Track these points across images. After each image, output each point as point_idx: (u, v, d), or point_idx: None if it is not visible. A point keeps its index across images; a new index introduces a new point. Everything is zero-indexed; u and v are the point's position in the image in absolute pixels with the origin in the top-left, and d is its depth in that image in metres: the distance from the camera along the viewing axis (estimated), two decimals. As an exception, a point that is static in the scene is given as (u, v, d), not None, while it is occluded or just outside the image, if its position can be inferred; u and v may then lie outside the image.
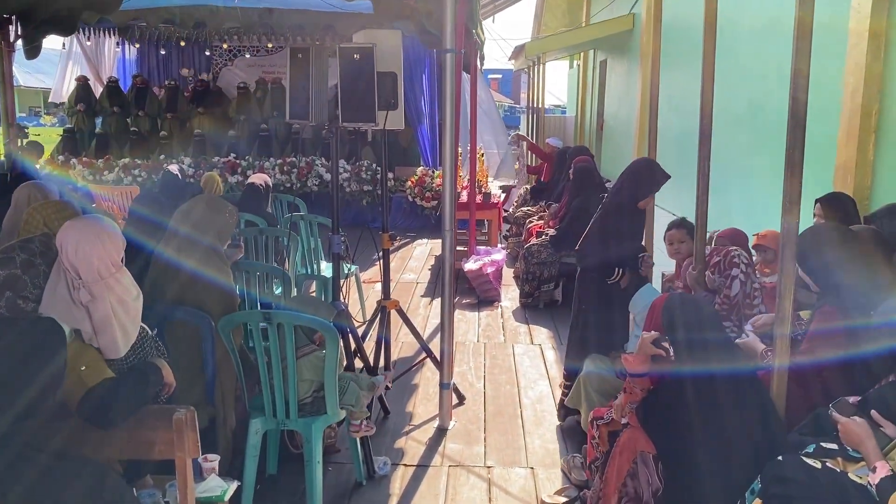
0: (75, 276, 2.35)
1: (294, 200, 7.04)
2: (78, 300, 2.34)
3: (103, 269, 2.40)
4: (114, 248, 2.44)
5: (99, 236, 2.42)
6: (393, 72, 4.07)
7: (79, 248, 2.37)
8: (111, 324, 2.39)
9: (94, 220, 2.49)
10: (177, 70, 13.28)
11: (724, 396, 2.81)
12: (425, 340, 5.71)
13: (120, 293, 2.43)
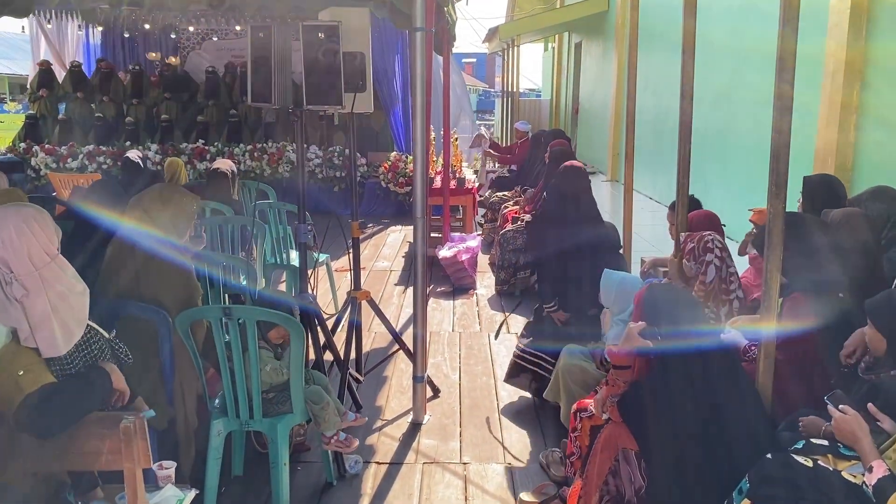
0: (6, 270, 2.16)
1: (261, 187, 6.82)
2: (11, 296, 2.14)
3: (36, 259, 2.20)
4: (45, 237, 2.24)
5: (27, 224, 2.22)
6: (361, 52, 3.88)
7: (5, 238, 2.16)
8: (49, 319, 2.19)
9: (20, 208, 2.28)
10: (143, 54, 12.90)
11: (708, 391, 2.69)
12: (399, 331, 5.57)
13: (58, 287, 2.24)
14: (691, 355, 2.74)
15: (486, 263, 7.58)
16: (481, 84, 48.72)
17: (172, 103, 11.71)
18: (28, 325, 2.16)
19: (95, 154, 10.64)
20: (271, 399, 3.07)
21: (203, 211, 5.43)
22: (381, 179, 10.50)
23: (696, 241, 3.56)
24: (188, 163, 10.54)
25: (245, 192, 6.74)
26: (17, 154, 10.61)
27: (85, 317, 2.35)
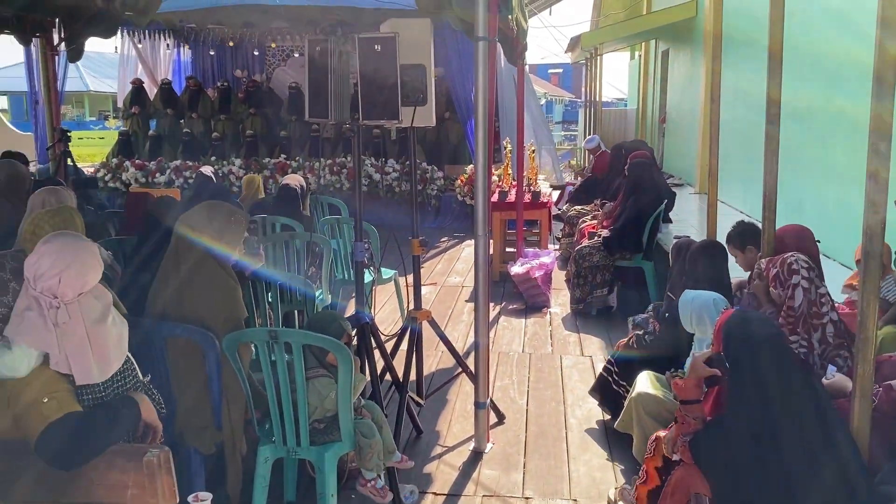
0: (50, 296, 2.11)
1: (333, 202, 6.79)
2: (52, 321, 2.09)
3: (77, 287, 2.15)
4: (87, 265, 2.18)
5: (69, 252, 2.17)
6: (421, 64, 3.73)
7: (47, 266, 2.12)
8: (85, 347, 2.13)
9: (63, 236, 2.24)
10: (230, 71, 13.28)
11: (794, 435, 2.39)
12: (466, 351, 5.40)
13: (95, 314, 2.18)
14: (772, 392, 2.45)
15: (561, 280, 7.30)
16: (567, 94, 48.18)
17: (257, 119, 11.97)
18: (63, 352, 2.10)
19: (182, 169, 10.95)
20: (322, 429, 2.94)
21: (273, 226, 5.43)
22: (458, 193, 10.37)
23: (779, 266, 3.23)
24: (270, 177, 10.72)
25: (318, 207, 6.73)
26: (109, 169, 11.04)
27: (125, 348, 2.29)
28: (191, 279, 2.96)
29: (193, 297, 2.95)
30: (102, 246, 4.45)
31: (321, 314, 3.27)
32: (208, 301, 2.97)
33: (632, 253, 6.22)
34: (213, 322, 2.95)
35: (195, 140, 11.84)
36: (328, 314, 3.21)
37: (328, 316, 3.16)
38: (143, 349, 2.84)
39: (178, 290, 2.96)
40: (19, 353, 2.03)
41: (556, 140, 32.42)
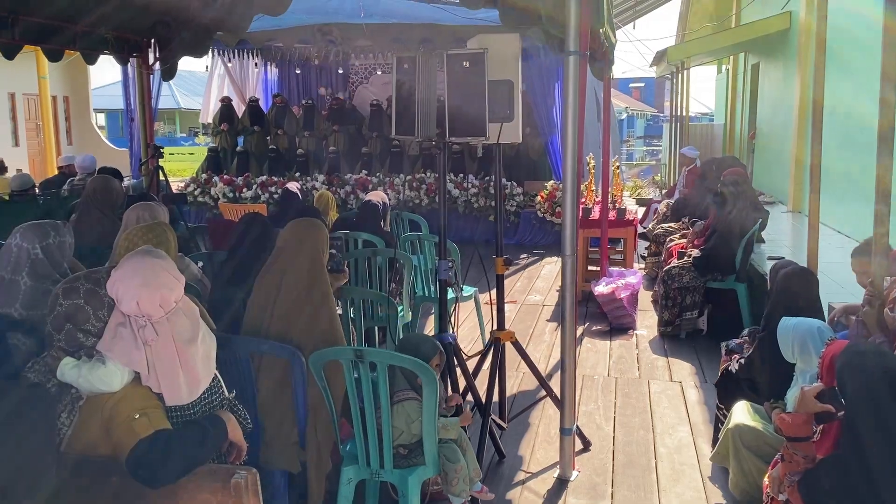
0: (138, 314, 2.12)
1: (414, 218, 6.78)
2: (142, 339, 2.09)
3: (164, 304, 2.15)
4: (164, 287, 2.17)
5: (154, 270, 2.16)
6: (509, 80, 3.67)
7: (134, 284, 2.13)
8: (175, 366, 2.13)
9: (146, 254, 2.24)
10: (315, 89, 13.57)
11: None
12: (549, 373, 5.27)
13: (184, 332, 2.18)
14: (893, 430, 2.24)
15: (647, 301, 7.08)
16: (650, 109, 47.32)
17: (340, 135, 12.16)
18: (153, 371, 2.10)
19: (268, 184, 11.21)
20: (405, 455, 2.88)
21: (355, 242, 5.44)
22: (538, 209, 10.25)
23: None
24: (351, 192, 10.86)
25: (398, 223, 6.73)
26: (198, 184, 11.40)
27: (212, 365, 2.28)
28: (296, 298, 2.96)
29: (300, 318, 2.95)
30: (192, 260, 4.56)
31: (413, 335, 3.21)
32: (302, 320, 2.97)
33: (724, 274, 5.96)
34: (306, 340, 2.94)
35: (280, 156, 12.12)
36: (420, 336, 3.14)
37: (420, 337, 3.10)
38: (230, 365, 2.85)
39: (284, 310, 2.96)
40: (113, 368, 2.04)
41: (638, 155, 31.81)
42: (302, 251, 3.14)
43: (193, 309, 2.25)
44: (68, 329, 2.07)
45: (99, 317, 2.12)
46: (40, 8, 6.00)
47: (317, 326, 3.08)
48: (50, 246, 3.17)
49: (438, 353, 2.95)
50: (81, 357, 2.08)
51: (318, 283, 3.13)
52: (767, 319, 3.89)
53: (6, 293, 3.12)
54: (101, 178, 5.17)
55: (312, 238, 3.20)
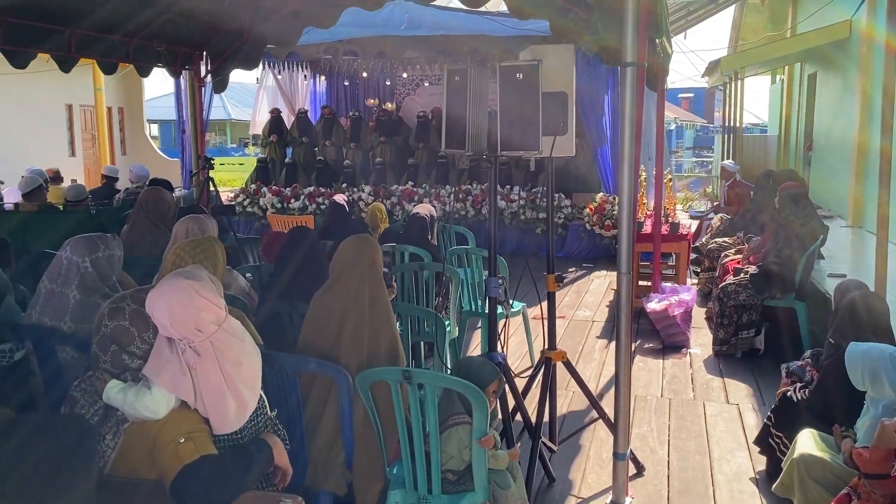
0: (179, 337, 2.07)
1: (461, 231, 6.69)
2: (185, 363, 2.04)
3: (205, 327, 2.09)
4: (198, 309, 2.10)
5: (188, 295, 2.10)
6: (563, 91, 3.57)
7: (164, 311, 2.07)
8: (222, 390, 2.07)
9: (187, 276, 2.17)
10: (362, 101, 13.64)
11: None
12: (599, 392, 5.12)
13: (230, 354, 2.12)
14: None
15: (701, 318, 6.86)
16: (699, 119, 46.56)
17: (387, 147, 12.17)
18: (200, 397, 2.04)
19: (315, 195, 11.26)
20: (454, 480, 2.78)
21: (402, 255, 5.38)
22: (587, 222, 10.08)
23: None
24: (398, 203, 10.84)
25: (445, 236, 6.66)
26: (247, 195, 11.52)
27: (258, 385, 2.22)
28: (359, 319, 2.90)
29: (363, 338, 2.89)
30: (241, 272, 4.55)
31: (473, 358, 3.09)
32: (375, 340, 2.91)
33: (783, 292, 5.72)
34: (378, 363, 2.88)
35: (328, 167, 12.18)
36: (479, 359, 3.02)
37: (479, 360, 2.98)
38: (276, 383, 2.80)
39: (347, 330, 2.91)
40: (158, 395, 1.99)
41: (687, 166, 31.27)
42: (363, 270, 3.08)
43: (239, 329, 2.20)
44: (114, 351, 2.03)
45: (144, 339, 2.08)
46: (96, 22, 6.11)
47: (380, 345, 3.01)
48: (99, 259, 3.17)
49: (497, 378, 2.84)
50: (127, 379, 2.04)
51: (380, 302, 3.07)
52: (834, 345, 3.70)
53: (56, 306, 3.13)
54: (153, 189, 5.22)
55: (371, 256, 3.14)
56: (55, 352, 3.00)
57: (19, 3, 5.36)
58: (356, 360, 2.92)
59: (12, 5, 5.33)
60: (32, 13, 5.53)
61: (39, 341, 3.05)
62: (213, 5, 6.64)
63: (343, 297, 3.00)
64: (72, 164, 17.70)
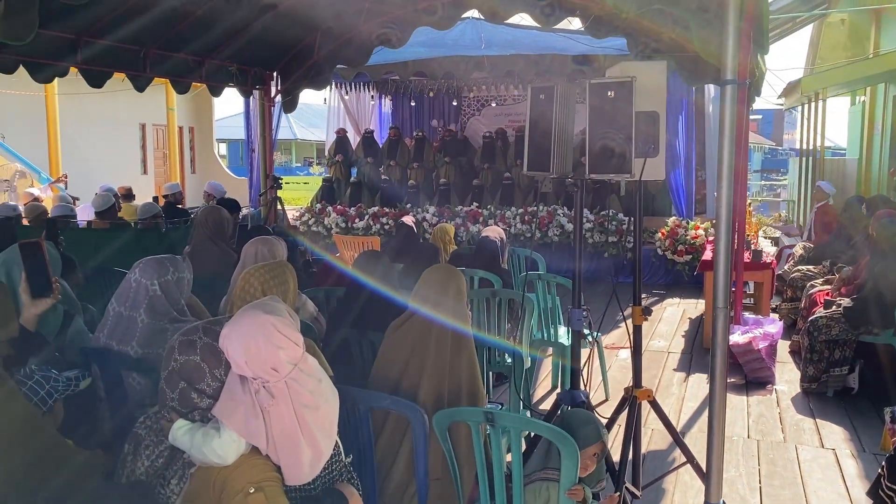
0: (252, 376, 1.91)
1: (532, 255, 6.46)
2: (259, 405, 1.88)
3: (281, 366, 1.93)
4: (283, 344, 1.94)
5: (266, 331, 1.94)
6: (654, 111, 3.32)
7: (241, 348, 1.92)
8: (296, 435, 1.89)
9: (258, 312, 2.02)
10: (427, 121, 13.59)
11: None
12: (681, 430, 4.81)
13: (306, 395, 1.95)
14: None
15: (785, 352, 6.45)
16: (767, 142, 45.34)
17: (451, 167, 12.05)
18: (272, 443, 1.88)
19: (379, 215, 11.19)
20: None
21: (471, 281, 5.19)
22: (658, 247, 9.72)
23: None
24: (461, 225, 10.68)
25: (513, 260, 6.44)
26: (312, 214, 11.53)
27: (334, 431, 2.04)
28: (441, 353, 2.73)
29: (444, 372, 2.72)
30: (308, 297, 4.42)
31: (577, 412, 2.83)
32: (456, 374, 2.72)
33: (881, 327, 5.31)
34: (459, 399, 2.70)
35: (392, 187, 12.13)
36: (585, 414, 2.76)
37: (584, 417, 2.72)
38: (347, 420, 2.63)
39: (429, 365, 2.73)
40: (228, 439, 1.83)
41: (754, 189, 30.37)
42: (448, 302, 2.90)
43: (316, 369, 2.03)
44: (182, 388, 1.88)
45: (215, 376, 1.93)
46: (170, 42, 6.15)
47: (461, 381, 2.83)
48: (168, 282, 3.07)
49: (601, 441, 2.60)
50: (196, 419, 1.89)
51: (464, 337, 2.89)
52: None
53: (124, 330, 3.04)
54: (211, 208, 5.18)
55: (457, 288, 2.96)
56: (122, 377, 2.91)
57: (97, 24, 5.41)
58: (434, 396, 2.73)
59: (90, 26, 5.38)
60: (108, 33, 5.58)
61: (106, 365, 2.96)
62: (284, 26, 6.64)
63: (425, 329, 2.82)
64: (143, 181, 18.19)
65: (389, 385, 2.79)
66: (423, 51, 8.80)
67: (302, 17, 6.62)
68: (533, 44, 8.53)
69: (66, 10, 4.51)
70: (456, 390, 2.77)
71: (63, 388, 2.26)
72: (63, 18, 4.96)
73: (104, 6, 5.20)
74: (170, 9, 5.65)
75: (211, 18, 5.94)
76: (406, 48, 8.00)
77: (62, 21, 5.04)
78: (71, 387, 2.30)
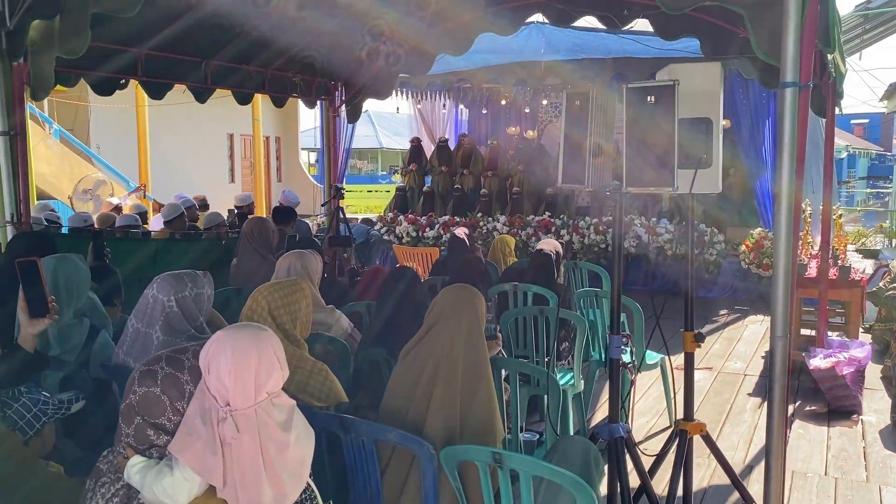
0: (222, 403, 1.76)
1: (594, 269, 6.14)
2: (218, 438, 1.73)
3: (256, 390, 1.78)
4: (270, 368, 1.80)
5: (258, 348, 1.80)
6: (706, 117, 3.02)
7: (234, 365, 1.77)
8: (259, 474, 1.74)
9: (245, 332, 1.88)
10: (503, 128, 13.36)
11: None
12: (749, 462, 4.45)
13: (272, 431, 1.78)
14: None
15: (875, 377, 5.88)
16: (874, 147, 42.78)
17: (525, 176, 11.78)
18: (231, 480, 1.72)
19: (450, 224, 11.05)
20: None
21: (524, 296, 4.95)
22: (742, 259, 9.16)
23: None
24: (533, 234, 10.41)
25: (575, 274, 6.15)
26: (384, 223, 11.52)
27: (305, 471, 1.86)
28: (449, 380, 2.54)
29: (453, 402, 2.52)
30: (353, 310, 4.29)
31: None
32: (469, 405, 2.52)
33: None
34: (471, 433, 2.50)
35: (465, 196, 11.96)
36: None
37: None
38: (352, 452, 2.46)
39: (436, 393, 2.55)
40: (180, 478, 1.69)
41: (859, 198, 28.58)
42: (459, 322, 2.69)
43: (288, 405, 1.86)
44: (138, 423, 1.76)
45: (177, 409, 1.79)
46: (232, 54, 6.19)
47: (475, 410, 2.61)
48: (185, 298, 2.99)
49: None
50: (153, 456, 1.76)
51: (478, 360, 2.68)
52: None
53: (141, 347, 2.98)
54: (256, 218, 5.15)
55: (472, 307, 2.75)
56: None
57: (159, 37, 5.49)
58: (444, 427, 2.52)
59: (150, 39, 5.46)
60: (170, 46, 5.65)
61: (122, 383, 2.90)
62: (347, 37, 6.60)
63: (435, 350, 2.62)
64: (231, 190, 18.73)
65: (398, 413, 2.60)
66: (490, 57, 8.61)
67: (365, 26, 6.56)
68: (603, 47, 8.19)
69: (124, 24, 4.57)
70: (468, 422, 2.55)
71: (53, 412, 2.18)
72: (121, 32, 5.04)
73: (164, 19, 5.27)
74: (231, 21, 5.69)
75: (273, 30, 5.95)
76: (473, 55, 7.85)
77: (121, 34, 5.12)
78: (62, 410, 2.23)
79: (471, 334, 2.63)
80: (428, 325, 2.70)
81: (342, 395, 2.79)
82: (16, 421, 2.08)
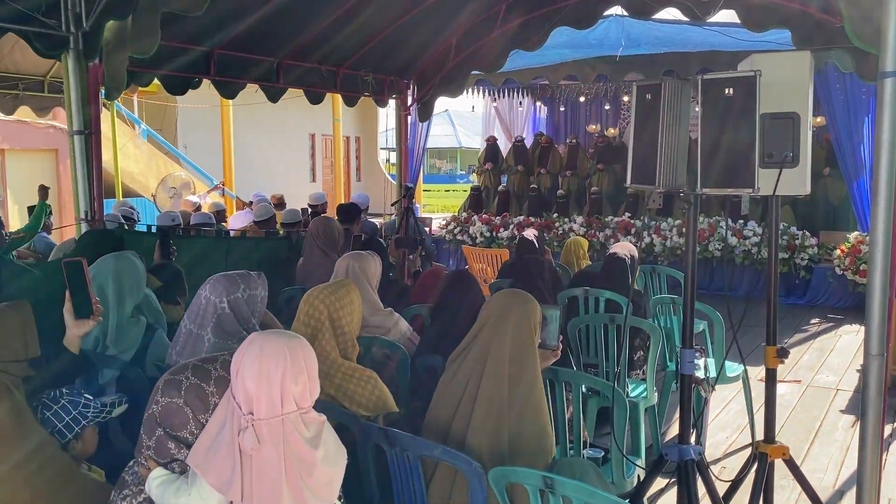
0: (245, 411, 1.65)
1: (674, 275, 5.83)
2: (238, 449, 1.62)
3: (286, 402, 1.66)
4: (300, 378, 1.67)
5: (288, 356, 1.69)
6: (794, 112, 2.74)
7: (261, 369, 1.67)
8: (280, 489, 1.62)
9: (285, 335, 1.77)
10: (583, 126, 13.04)
11: None
12: (840, 486, 4.10)
13: (300, 447, 1.66)
14: None
15: None
16: None
17: (605, 175, 11.45)
18: (247, 497, 1.60)
19: (525, 225, 10.82)
20: None
21: (596, 302, 4.72)
22: (837, 265, 8.58)
23: None
24: (611, 236, 10.06)
25: (654, 279, 5.85)
26: (458, 223, 11.38)
27: (332, 495, 1.73)
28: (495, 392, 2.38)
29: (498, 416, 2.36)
30: (414, 314, 4.17)
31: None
32: (517, 420, 2.36)
33: None
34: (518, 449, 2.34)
35: (541, 196, 11.72)
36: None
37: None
38: (396, 465, 2.33)
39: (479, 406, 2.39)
40: (196, 495, 1.59)
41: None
42: (508, 330, 2.52)
43: (318, 421, 1.73)
44: (159, 436, 1.66)
45: (200, 422, 1.69)
46: (303, 52, 6.19)
47: (524, 426, 2.44)
48: (238, 300, 2.92)
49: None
50: (175, 470, 1.66)
51: (525, 374, 2.50)
52: None
53: (192, 348, 2.93)
54: (322, 218, 5.10)
55: (522, 314, 2.56)
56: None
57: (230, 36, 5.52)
58: (489, 443, 2.35)
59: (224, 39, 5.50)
60: (241, 46, 5.69)
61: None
62: (418, 34, 6.51)
63: (480, 361, 2.45)
64: (311, 189, 19.02)
65: (443, 426, 2.45)
66: (567, 52, 8.34)
67: (436, 24, 6.46)
68: (686, 41, 7.81)
69: (193, 22, 4.60)
70: (513, 438, 2.37)
71: (93, 415, 2.14)
72: (193, 30, 5.08)
73: (237, 19, 5.30)
74: (303, 20, 5.68)
75: (344, 28, 5.92)
76: (549, 50, 7.62)
77: (190, 33, 5.17)
78: (103, 413, 2.19)
79: (518, 343, 2.45)
80: (474, 333, 2.53)
81: (391, 404, 2.66)
82: (54, 423, 2.05)
